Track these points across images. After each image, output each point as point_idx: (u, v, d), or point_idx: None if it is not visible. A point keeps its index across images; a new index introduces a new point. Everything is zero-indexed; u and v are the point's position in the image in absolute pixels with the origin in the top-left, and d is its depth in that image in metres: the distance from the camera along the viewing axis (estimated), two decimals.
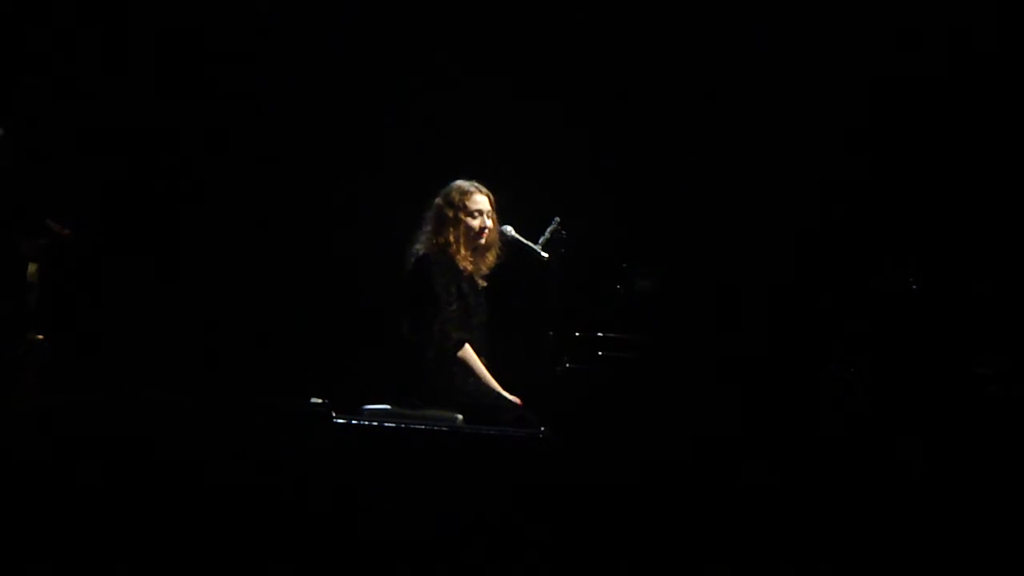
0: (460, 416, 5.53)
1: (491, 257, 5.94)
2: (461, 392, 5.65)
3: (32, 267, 5.77)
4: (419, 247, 5.88)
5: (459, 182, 5.92)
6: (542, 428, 5.34)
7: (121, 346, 6.52)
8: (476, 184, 5.92)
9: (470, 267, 5.87)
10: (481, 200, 5.89)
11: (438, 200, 5.91)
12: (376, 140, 6.91)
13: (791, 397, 5.10)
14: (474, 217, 5.86)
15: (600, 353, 5.36)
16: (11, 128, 5.63)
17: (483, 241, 5.88)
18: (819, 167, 6.66)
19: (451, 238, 5.85)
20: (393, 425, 5.22)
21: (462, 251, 5.85)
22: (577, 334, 5.41)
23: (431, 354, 5.72)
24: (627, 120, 6.86)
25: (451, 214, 5.86)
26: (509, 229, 5.82)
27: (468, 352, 5.78)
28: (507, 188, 5.99)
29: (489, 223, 5.89)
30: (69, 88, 6.52)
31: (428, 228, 5.90)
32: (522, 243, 5.76)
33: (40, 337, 5.71)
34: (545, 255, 5.67)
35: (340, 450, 5.05)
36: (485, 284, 5.96)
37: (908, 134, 6.65)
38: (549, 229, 5.71)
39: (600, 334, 5.40)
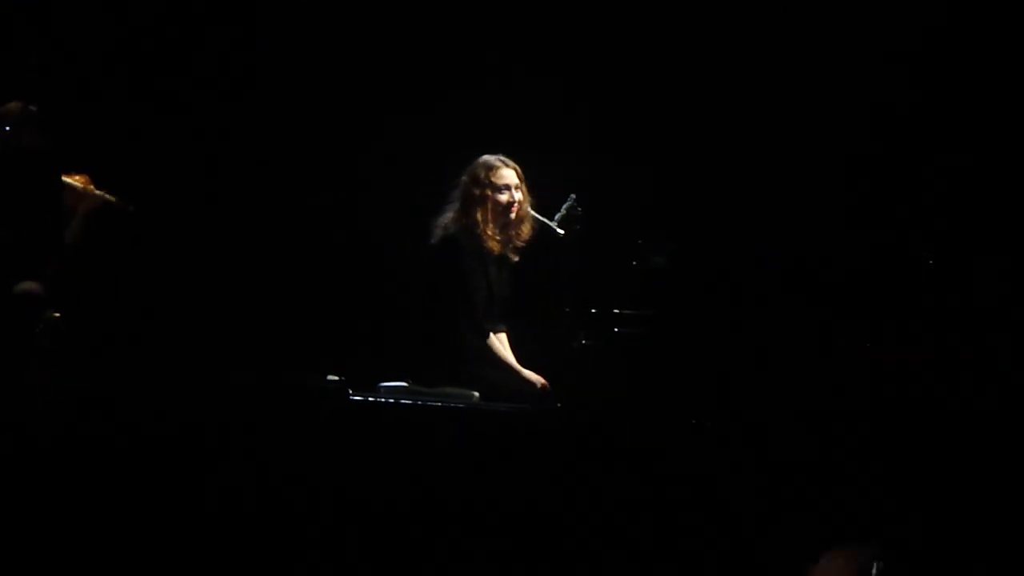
0: (476, 393, 5.53)
1: (525, 230, 5.86)
2: (483, 379, 5.63)
3: None
4: (448, 225, 5.80)
5: (485, 157, 5.82)
6: (558, 404, 5.34)
7: (139, 324, 6.53)
8: (502, 158, 5.83)
9: (498, 247, 5.81)
10: (508, 174, 5.80)
11: (464, 178, 5.81)
12: (393, 116, 6.90)
13: (804, 373, 5.09)
14: (502, 192, 5.77)
15: (616, 329, 5.35)
16: (39, 107, 5.64)
17: (513, 216, 5.81)
18: (834, 140, 6.63)
19: (479, 217, 5.75)
20: (409, 402, 5.23)
21: (491, 230, 5.76)
22: (593, 311, 5.40)
23: (458, 343, 5.69)
24: (643, 96, 6.84)
25: (478, 192, 5.76)
26: None
27: (494, 342, 5.79)
28: (522, 165, 5.96)
29: (518, 196, 5.81)
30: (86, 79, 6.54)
31: (456, 207, 5.81)
32: (538, 220, 5.76)
33: (57, 316, 5.73)
34: (561, 232, 5.67)
35: (356, 427, 5.06)
36: (517, 259, 5.90)
37: (923, 105, 6.61)
38: (565, 206, 5.70)
39: (616, 310, 5.39)
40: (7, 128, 5.67)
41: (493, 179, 5.78)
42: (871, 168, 6.58)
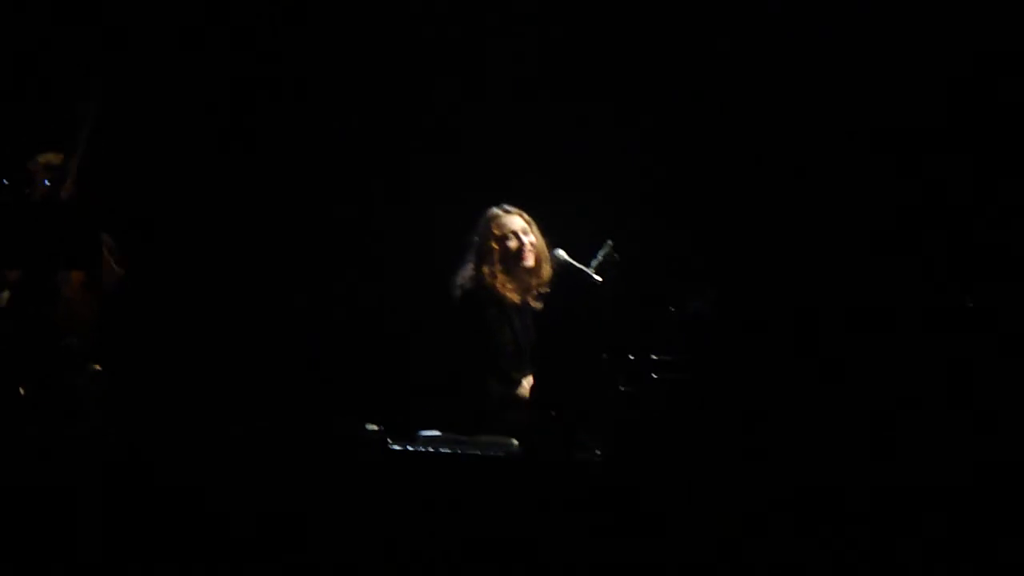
0: (516, 441, 5.52)
1: (545, 272, 5.93)
2: (517, 426, 5.65)
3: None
4: (464, 283, 5.91)
5: (490, 210, 5.95)
6: (597, 452, 5.33)
7: (178, 374, 6.56)
8: (505, 207, 5.95)
9: (517, 297, 5.87)
10: (512, 220, 5.92)
11: (475, 235, 5.94)
12: (423, 164, 6.93)
13: (844, 418, 5.06)
14: (510, 240, 5.89)
15: (654, 376, 5.33)
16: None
17: (528, 262, 5.89)
18: (877, 184, 6.60)
19: (492, 270, 5.86)
20: (448, 451, 5.23)
21: (506, 279, 5.86)
22: (631, 357, 5.39)
23: (491, 397, 5.72)
24: (680, 140, 6.84)
25: (487, 244, 5.89)
26: (561, 253, 5.81)
27: (526, 389, 5.84)
28: (558, 212, 5.99)
29: (529, 239, 5.89)
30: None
31: (471, 262, 5.93)
32: (574, 267, 5.75)
33: (98, 368, 5.76)
34: (598, 278, 5.67)
35: (395, 476, 5.06)
36: (540, 306, 5.94)
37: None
38: (601, 252, 5.70)
39: (654, 357, 5.38)
40: (47, 183, 5.72)
41: (498, 230, 5.89)
42: (916, 216, 6.54)
